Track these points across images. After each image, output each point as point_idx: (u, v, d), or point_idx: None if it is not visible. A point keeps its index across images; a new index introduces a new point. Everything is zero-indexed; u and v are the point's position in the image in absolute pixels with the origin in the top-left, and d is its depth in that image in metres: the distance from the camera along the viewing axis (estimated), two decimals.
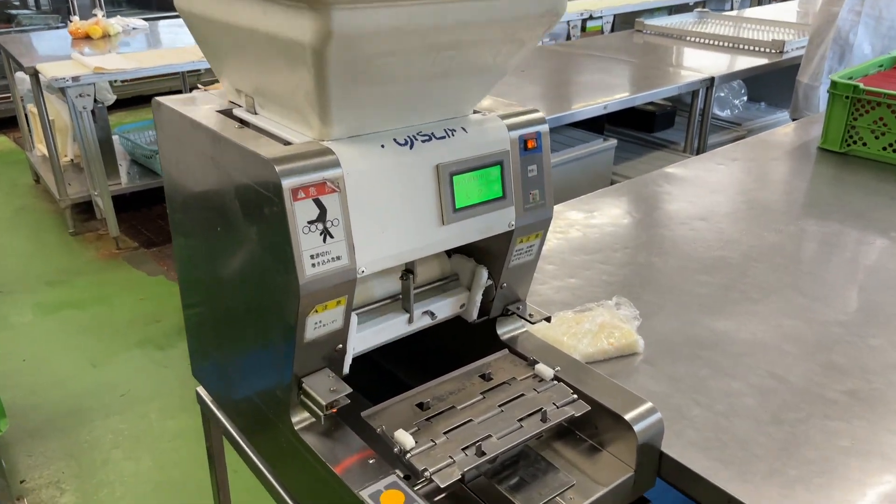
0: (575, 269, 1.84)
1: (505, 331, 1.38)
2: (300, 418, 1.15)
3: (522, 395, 1.21)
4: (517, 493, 1.11)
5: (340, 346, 1.12)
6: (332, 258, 1.02)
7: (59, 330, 3.59)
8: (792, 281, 1.79)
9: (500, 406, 1.19)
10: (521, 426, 1.14)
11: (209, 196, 1.18)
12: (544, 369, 1.26)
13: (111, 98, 4.70)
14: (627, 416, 1.19)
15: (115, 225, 4.26)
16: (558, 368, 1.28)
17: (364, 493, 1.02)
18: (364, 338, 1.20)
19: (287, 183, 0.97)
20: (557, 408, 1.19)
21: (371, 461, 1.08)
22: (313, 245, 1.00)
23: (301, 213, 0.98)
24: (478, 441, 1.10)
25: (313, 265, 1.01)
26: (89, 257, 4.28)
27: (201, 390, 1.55)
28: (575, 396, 1.21)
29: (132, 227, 4.60)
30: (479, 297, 1.31)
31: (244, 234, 1.10)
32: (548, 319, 1.34)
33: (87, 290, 3.95)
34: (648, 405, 1.22)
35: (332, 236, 1.01)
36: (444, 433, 1.12)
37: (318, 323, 1.06)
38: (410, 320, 1.26)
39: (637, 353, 1.49)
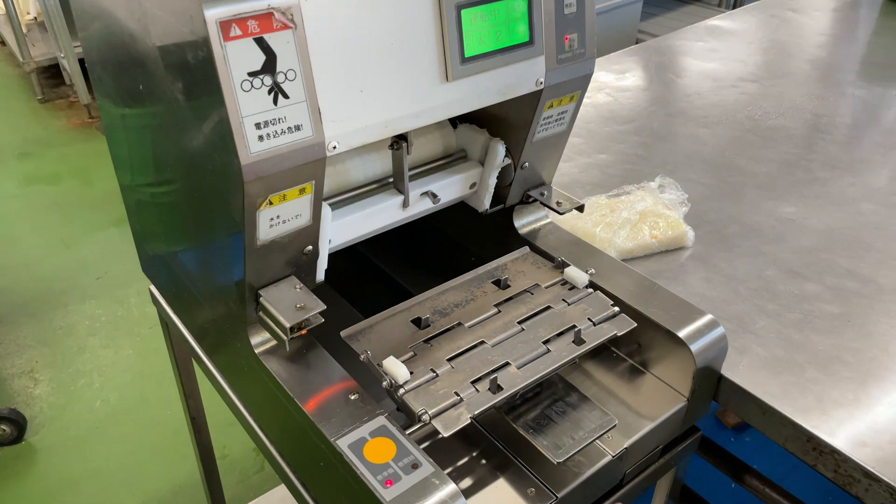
0: (605, 142, 1.52)
1: (524, 223, 1.09)
2: (261, 339, 0.88)
3: (549, 307, 0.94)
4: (542, 437, 0.86)
5: (310, 247, 0.84)
6: (289, 128, 0.72)
7: (29, 207, 3.30)
8: (868, 156, 1.48)
9: (520, 323, 0.92)
10: (549, 350, 0.88)
11: (125, 42, 0.85)
12: (576, 274, 0.98)
13: None
14: (682, 333, 0.93)
15: (85, 91, 3.87)
16: (592, 271, 1.01)
17: (342, 443, 0.77)
18: (344, 226, 0.91)
19: (212, 13, 0.64)
20: (594, 325, 0.92)
21: (353, 396, 0.82)
22: (259, 108, 0.69)
23: (237, 59, 0.66)
24: (492, 372, 0.84)
25: (261, 138, 0.70)
26: (60, 127, 3.92)
27: (154, 289, 1.29)
28: (616, 309, 0.94)
29: None
30: (493, 181, 1.01)
31: (169, 94, 0.79)
32: (580, 209, 1.04)
33: (58, 162, 3.63)
34: (708, 318, 0.95)
35: (286, 96, 0.70)
36: (448, 360, 0.86)
37: (276, 219, 0.77)
38: (406, 204, 0.96)
39: (685, 246, 1.21)
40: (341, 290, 1.13)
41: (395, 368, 0.82)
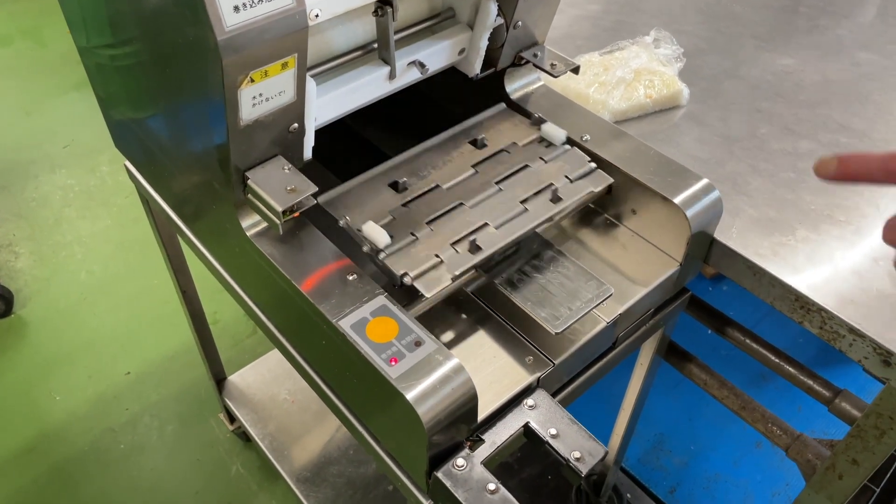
0: None
1: (516, 86, 1.05)
2: (251, 222, 0.86)
3: (526, 166, 0.95)
4: (540, 309, 0.87)
5: (296, 125, 0.80)
6: None
7: None
8: None
9: (497, 183, 0.93)
10: (526, 210, 0.89)
11: None
12: (553, 130, 0.97)
13: None
14: (677, 199, 0.92)
15: None
16: (587, 137, 0.98)
17: (344, 324, 0.77)
18: (329, 103, 0.87)
19: None
20: (571, 182, 0.93)
21: (350, 276, 0.82)
22: None
23: None
24: (471, 233, 0.86)
25: (236, 9, 0.64)
26: None
27: (129, 164, 1.24)
28: (593, 165, 0.95)
29: None
30: (484, 43, 0.95)
31: None
32: (575, 70, 1.00)
33: (8, 21, 3.39)
34: (704, 182, 0.94)
35: None
36: (427, 223, 0.87)
37: (258, 97, 0.73)
38: (392, 75, 0.91)
39: (680, 105, 1.17)
40: (325, 163, 1.10)
41: (375, 233, 0.83)
